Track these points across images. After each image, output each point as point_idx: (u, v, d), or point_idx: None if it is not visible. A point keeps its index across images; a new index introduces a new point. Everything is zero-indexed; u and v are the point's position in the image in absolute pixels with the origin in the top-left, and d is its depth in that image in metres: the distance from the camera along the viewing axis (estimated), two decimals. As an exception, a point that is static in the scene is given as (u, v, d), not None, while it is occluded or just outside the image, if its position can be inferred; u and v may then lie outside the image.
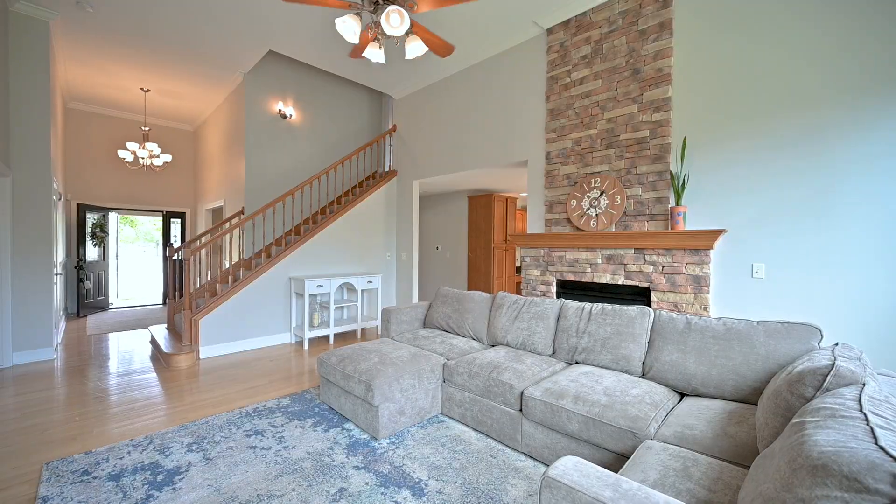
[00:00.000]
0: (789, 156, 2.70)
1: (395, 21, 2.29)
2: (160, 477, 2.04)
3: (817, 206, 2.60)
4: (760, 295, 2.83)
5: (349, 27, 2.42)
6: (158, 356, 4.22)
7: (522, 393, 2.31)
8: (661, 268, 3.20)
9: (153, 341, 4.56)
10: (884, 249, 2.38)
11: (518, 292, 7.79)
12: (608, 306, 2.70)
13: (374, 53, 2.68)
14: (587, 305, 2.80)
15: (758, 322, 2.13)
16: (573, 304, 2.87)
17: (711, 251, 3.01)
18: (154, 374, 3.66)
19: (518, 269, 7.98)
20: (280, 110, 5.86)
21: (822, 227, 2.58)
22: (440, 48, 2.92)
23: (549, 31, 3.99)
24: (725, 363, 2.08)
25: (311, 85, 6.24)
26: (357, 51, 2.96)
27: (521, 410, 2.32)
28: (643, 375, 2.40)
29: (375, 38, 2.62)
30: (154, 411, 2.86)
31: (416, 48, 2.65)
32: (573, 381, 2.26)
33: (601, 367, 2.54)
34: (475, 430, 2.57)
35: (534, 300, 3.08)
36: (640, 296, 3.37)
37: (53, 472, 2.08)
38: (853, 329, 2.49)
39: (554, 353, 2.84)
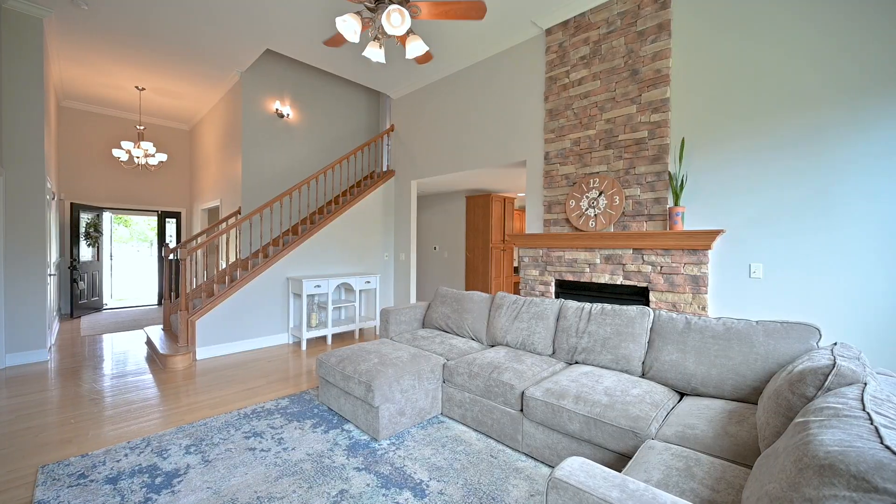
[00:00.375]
0: (789, 156, 2.71)
1: (395, 20, 2.28)
2: (158, 479, 2.02)
3: (817, 206, 2.61)
4: (759, 295, 2.84)
5: (349, 26, 2.41)
6: (154, 357, 4.18)
7: (523, 393, 2.30)
8: (659, 268, 3.21)
9: (149, 342, 4.52)
10: (883, 249, 2.40)
11: (516, 292, 7.79)
12: (608, 306, 2.70)
13: (374, 53, 2.66)
14: (587, 305, 2.80)
15: (757, 322, 2.14)
16: (573, 304, 2.87)
17: (709, 251, 3.02)
18: (150, 376, 3.62)
19: (516, 269, 7.99)
20: (277, 109, 5.82)
21: (822, 227, 2.60)
22: (470, 10, 2.56)
23: (548, 31, 3.99)
24: (725, 363, 2.09)
25: (309, 84, 6.21)
26: (334, 41, 2.81)
27: (521, 411, 2.32)
28: (643, 375, 2.41)
29: (376, 38, 2.60)
30: (151, 413, 2.83)
31: (416, 48, 2.64)
32: (574, 381, 2.26)
33: (601, 367, 2.54)
34: (476, 430, 2.56)
35: (533, 300, 3.08)
36: (638, 296, 3.38)
37: (49, 476, 2.05)
38: (852, 329, 2.51)
39: (554, 353, 2.84)
